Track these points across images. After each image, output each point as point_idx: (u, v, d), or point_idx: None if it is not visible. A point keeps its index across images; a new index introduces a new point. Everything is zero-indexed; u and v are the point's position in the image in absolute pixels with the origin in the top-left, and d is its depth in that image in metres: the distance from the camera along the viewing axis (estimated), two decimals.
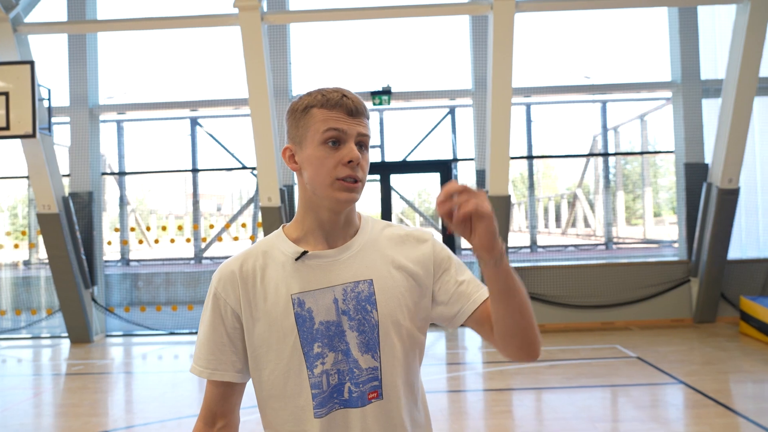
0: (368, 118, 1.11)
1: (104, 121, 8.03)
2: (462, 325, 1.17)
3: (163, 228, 8.20)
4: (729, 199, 6.41)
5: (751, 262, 6.98)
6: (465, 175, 8.14)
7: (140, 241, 7.44)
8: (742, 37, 5.99)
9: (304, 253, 1.10)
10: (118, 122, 9.50)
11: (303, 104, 1.09)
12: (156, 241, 9.79)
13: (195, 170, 9.34)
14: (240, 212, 11.23)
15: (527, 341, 1.06)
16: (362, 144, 1.09)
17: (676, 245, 7.58)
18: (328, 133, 1.06)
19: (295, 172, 1.13)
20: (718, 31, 7.10)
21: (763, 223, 7.20)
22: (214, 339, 1.11)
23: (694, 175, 6.91)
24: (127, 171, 9.59)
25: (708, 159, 6.84)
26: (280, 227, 1.18)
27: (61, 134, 7.67)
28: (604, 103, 9.56)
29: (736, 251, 6.99)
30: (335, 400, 1.08)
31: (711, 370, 4.95)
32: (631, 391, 4.52)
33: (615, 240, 11.28)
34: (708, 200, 6.60)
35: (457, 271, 1.17)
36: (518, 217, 17.46)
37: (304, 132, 1.08)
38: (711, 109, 6.99)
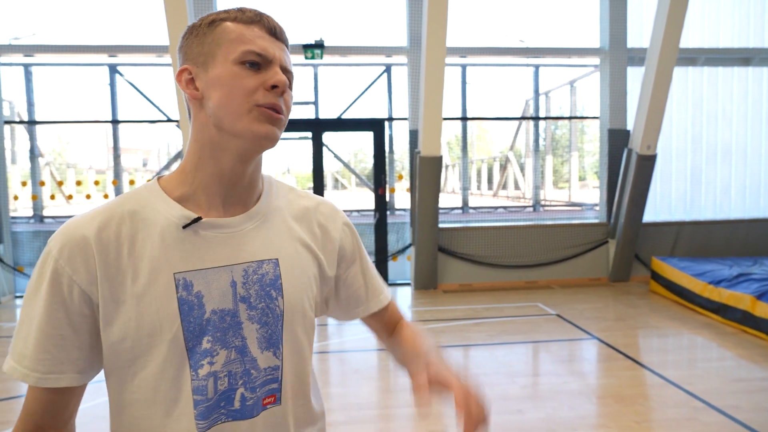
0: (289, 50, 0.90)
1: (8, 65, 7.30)
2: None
3: (78, 183, 7.63)
4: (646, 164, 6.74)
5: (663, 225, 7.45)
6: (398, 135, 8.08)
7: (52, 197, 6.93)
8: (666, 8, 6.18)
9: (197, 219, 0.85)
10: (26, 66, 8.67)
11: (210, 19, 0.86)
12: (69, 197, 9.15)
13: (115, 121, 8.73)
14: (165, 167, 10.70)
15: None
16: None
17: (597, 208, 7.94)
18: (249, 56, 0.83)
19: (191, 107, 0.87)
20: (646, 1, 7.28)
21: (675, 189, 7.65)
22: (49, 331, 0.81)
23: (617, 141, 7.20)
24: (37, 120, 8.83)
25: (630, 126, 7.13)
26: (154, 179, 0.90)
27: None
28: (536, 67, 9.69)
29: (650, 214, 7.41)
30: (221, 410, 0.85)
31: (622, 326, 5.28)
32: (550, 347, 4.75)
33: (542, 202, 11.69)
34: (628, 165, 6.90)
35: (363, 265, 1.06)
36: (452, 179, 17.71)
37: (213, 48, 0.84)
38: (635, 77, 7.24)
